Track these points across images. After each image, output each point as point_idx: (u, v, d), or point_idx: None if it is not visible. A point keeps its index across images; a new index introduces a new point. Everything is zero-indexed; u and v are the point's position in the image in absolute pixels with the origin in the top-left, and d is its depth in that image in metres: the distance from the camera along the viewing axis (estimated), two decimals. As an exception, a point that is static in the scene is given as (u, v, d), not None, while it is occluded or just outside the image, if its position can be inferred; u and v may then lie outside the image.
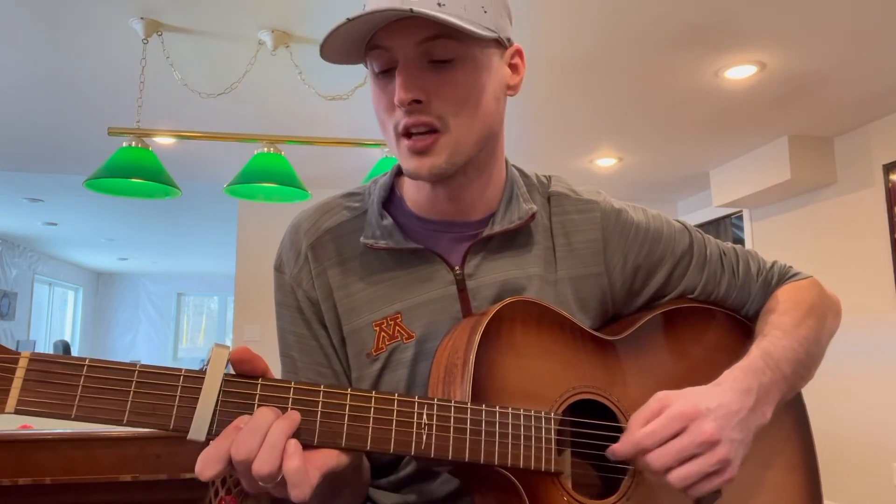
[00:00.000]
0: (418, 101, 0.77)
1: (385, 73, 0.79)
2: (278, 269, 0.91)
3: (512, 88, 0.86)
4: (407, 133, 0.79)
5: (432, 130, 0.78)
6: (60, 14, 2.72)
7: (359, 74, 3.14)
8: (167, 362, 11.21)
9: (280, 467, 0.61)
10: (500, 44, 0.82)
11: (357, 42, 0.79)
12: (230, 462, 0.61)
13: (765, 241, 5.00)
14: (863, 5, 2.67)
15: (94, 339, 11.29)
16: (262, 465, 0.61)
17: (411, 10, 0.71)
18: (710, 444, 0.72)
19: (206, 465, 0.60)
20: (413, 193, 0.89)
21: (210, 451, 0.61)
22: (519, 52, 0.86)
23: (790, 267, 1.00)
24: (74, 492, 1.54)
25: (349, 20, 0.73)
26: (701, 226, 5.67)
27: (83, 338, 10.93)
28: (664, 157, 4.74)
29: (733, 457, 0.74)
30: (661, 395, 0.76)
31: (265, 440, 0.61)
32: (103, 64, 3.19)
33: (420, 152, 0.78)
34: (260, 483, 0.62)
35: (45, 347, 9.71)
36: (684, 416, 0.73)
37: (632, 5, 2.67)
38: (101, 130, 3.65)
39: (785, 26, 2.83)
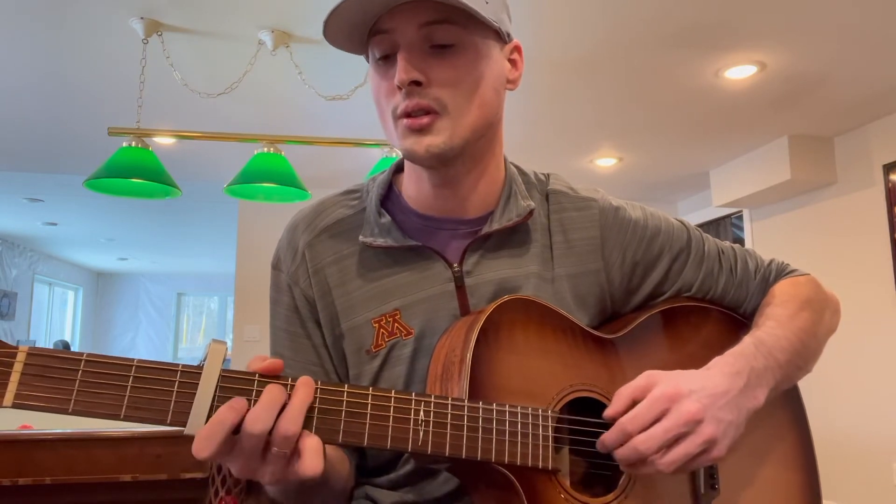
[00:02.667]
0: (418, 83, 0.77)
1: (386, 59, 0.80)
2: (275, 266, 0.92)
3: (511, 83, 0.87)
4: (405, 115, 0.79)
5: (429, 112, 0.78)
6: (61, 14, 2.72)
7: (359, 74, 3.14)
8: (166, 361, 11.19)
9: (297, 450, 0.63)
10: (501, 37, 0.83)
11: (360, 27, 0.79)
12: (226, 440, 0.61)
13: (765, 241, 5.00)
14: (863, 5, 2.67)
15: (94, 339, 11.29)
16: (288, 426, 0.62)
17: None
18: (695, 423, 0.72)
19: (203, 446, 0.60)
20: (412, 190, 0.90)
21: (207, 429, 0.61)
22: (518, 49, 0.87)
23: (787, 264, 1.00)
24: (74, 492, 1.54)
25: None
26: (701, 226, 5.67)
27: (83, 338, 10.94)
28: (664, 157, 4.74)
29: (720, 436, 0.74)
30: (648, 373, 0.76)
31: (289, 405, 0.63)
32: (103, 64, 3.19)
33: (418, 130, 0.79)
34: (275, 448, 0.62)
35: (46, 347, 9.71)
36: (667, 398, 0.73)
37: (632, 5, 2.67)
38: (101, 130, 3.65)
39: (785, 26, 2.84)
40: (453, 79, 0.78)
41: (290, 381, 0.66)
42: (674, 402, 0.73)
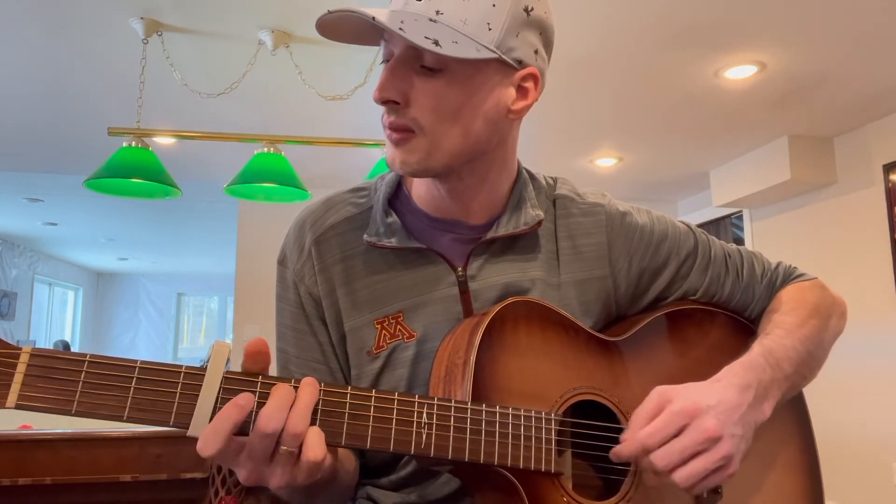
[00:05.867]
0: (396, 102, 0.77)
1: (387, 63, 0.79)
2: (281, 262, 0.91)
3: (514, 112, 0.81)
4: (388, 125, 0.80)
5: (408, 130, 0.78)
6: (60, 14, 2.72)
7: (359, 74, 3.14)
8: (167, 362, 11.19)
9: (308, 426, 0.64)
10: (508, 64, 0.78)
11: (370, 27, 0.77)
12: (231, 438, 0.62)
13: (765, 242, 5.00)
14: (863, 5, 2.67)
15: (94, 339, 11.29)
16: (298, 423, 0.63)
17: (373, 19, 0.71)
18: (713, 441, 0.72)
19: (208, 443, 0.61)
20: (420, 190, 0.89)
21: (213, 427, 0.61)
22: (533, 76, 0.81)
23: (795, 268, 1.00)
24: (74, 492, 1.54)
25: (330, 12, 0.73)
26: (701, 226, 5.65)
27: (83, 338, 10.93)
28: (664, 157, 4.74)
29: (735, 452, 0.74)
30: (661, 390, 0.76)
31: (296, 403, 0.64)
32: (103, 64, 3.18)
33: (395, 143, 0.79)
34: (283, 447, 0.63)
35: (46, 347, 9.70)
36: (686, 414, 0.73)
37: (632, 5, 2.67)
38: (101, 130, 3.65)
39: (785, 26, 2.83)
40: (434, 105, 0.76)
41: (293, 382, 0.65)
42: (693, 417, 0.73)
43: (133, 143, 2.66)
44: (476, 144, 0.80)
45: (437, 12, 0.74)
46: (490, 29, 0.75)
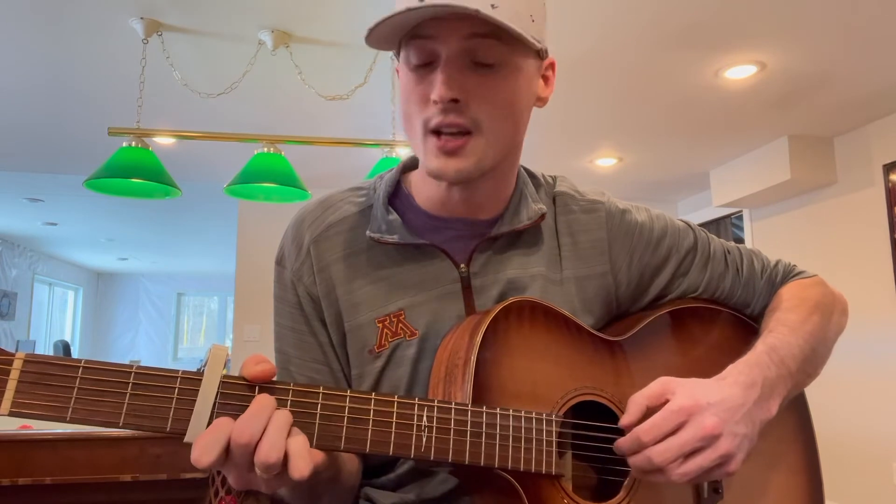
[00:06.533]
0: (456, 101, 0.75)
1: (423, 67, 0.77)
2: (279, 262, 0.90)
3: (541, 100, 0.85)
4: (437, 131, 0.77)
5: (464, 132, 0.76)
6: (61, 14, 2.71)
7: (359, 74, 3.13)
8: (167, 362, 11.21)
9: (284, 455, 0.60)
10: (539, 55, 0.81)
11: (401, 30, 0.76)
12: (228, 448, 0.60)
13: (765, 242, 5.00)
14: (863, 5, 2.66)
15: (94, 339, 11.28)
16: (270, 452, 0.59)
17: (477, 12, 0.69)
18: (712, 439, 0.72)
19: (204, 452, 0.59)
20: (423, 189, 0.88)
21: (208, 435, 0.59)
22: (552, 66, 0.85)
23: (794, 265, 1.00)
24: (74, 492, 1.54)
25: (409, 10, 0.71)
26: (701, 226, 5.62)
27: (83, 338, 10.93)
28: (664, 157, 4.74)
29: (736, 451, 0.73)
30: (664, 380, 0.75)
31: (269, 424, 0.61)
32: (103, 64, 3.18)
33: (449, 153, 0.77)
34: (258, 471, 0.60)
35: (45, 347, 9.71)
36: (685, 411, 0.72)
37: (632, 5, 2.67)
38: (101, 130, 3.65)
39: (785, 26, 2.83)
40: (493, 99, 0.76)
41: (291, 386, 0.65)
42: (692, 415, 0.72)
43: (133, 143, 2.66)
44: (519, 136, 0.83)
45: (493, 6, 0.72)
46: (533, 21, 0.77)
